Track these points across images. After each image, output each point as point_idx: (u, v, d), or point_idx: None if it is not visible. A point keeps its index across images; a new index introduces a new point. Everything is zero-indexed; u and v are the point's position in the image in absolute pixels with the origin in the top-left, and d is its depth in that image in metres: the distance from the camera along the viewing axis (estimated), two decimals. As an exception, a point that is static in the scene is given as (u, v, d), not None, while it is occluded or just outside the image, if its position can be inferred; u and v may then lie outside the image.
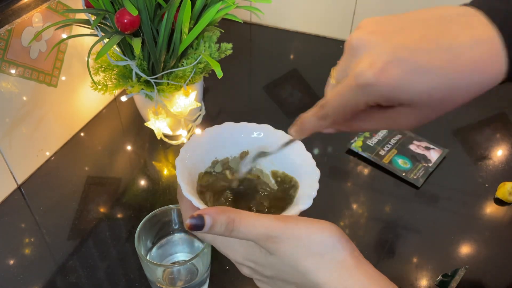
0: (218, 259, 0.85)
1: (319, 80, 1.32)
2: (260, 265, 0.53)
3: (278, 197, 0.65)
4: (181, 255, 0.84)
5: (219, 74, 0.87)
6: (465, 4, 0.46)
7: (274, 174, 0.68)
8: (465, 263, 0.87)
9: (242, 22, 1.00)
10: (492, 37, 0.43)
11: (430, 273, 0.86)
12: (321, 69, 1.38)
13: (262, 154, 0.65)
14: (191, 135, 1.09)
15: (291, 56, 1.46)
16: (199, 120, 1.09)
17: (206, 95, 1.16)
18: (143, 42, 0.88)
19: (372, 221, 0.95)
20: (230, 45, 1.00)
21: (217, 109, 1.21)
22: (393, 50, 0.44)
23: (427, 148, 1.11)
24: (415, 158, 1.08)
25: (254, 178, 0.69)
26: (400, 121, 0.49)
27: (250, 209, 0.63)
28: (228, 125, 0.69)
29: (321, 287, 0.49)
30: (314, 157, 0.64)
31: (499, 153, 1.11)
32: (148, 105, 1.01)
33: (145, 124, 1.02)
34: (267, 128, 0.69)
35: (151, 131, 1.10)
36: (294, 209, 0.57)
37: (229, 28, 1.07)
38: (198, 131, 1.14)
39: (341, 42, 1.46)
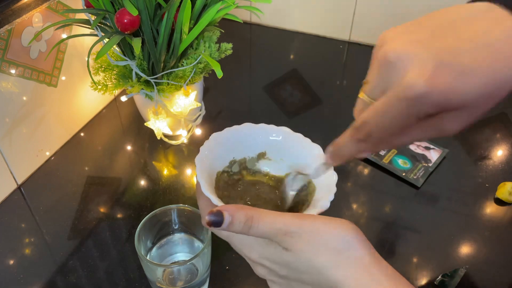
0: (218, 259, 0.85)
1: (319, 80, 1.32)
2: (275, 263, 0.52)
3: (295, 198, 0.64)
4: (181, 255, 0.84)
5: (219, 74, 0.87)
6: (475, 0, 0.46)
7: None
8: (465, 263, 0.87)
9: (242, 22, 1.00)
10: None
11: (430, 273, 0.86)
12: (321, 69, 1.38)
13: (301, 175, 0.65)
14: (190, 135, 1.10)
15: (291, 56, 1.46)
16: (199, 120, 1.09)
17: (206, 95, 1.16)
18: (143, 42, 0.88)
19: (372, 221, 0.96)
20: (230, 45, 1.00)
21: (217, 109, 1.21)
22: (436, 56, 0.42)
23: (427, 148, 1.11)
24: (415, 158, 1.08)
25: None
26: (446, 127, 0.47)
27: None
28: (247, 126, 0.69)
29: (338, 284, 0.48)
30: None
31: (499, 153, 1.11)
32: (148, 105, 1.01)
33: (145, 124, 1.02)
34: (285, 130, 0.69)
35: (151, 131, 1.10)
36: (312, 211, 0.57)
37: (229, 28, 1.07)
38: (198, 131, 1.15)
39: (341, 42, 1.46)
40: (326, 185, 0.61)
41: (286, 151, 0.68)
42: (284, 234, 0.50)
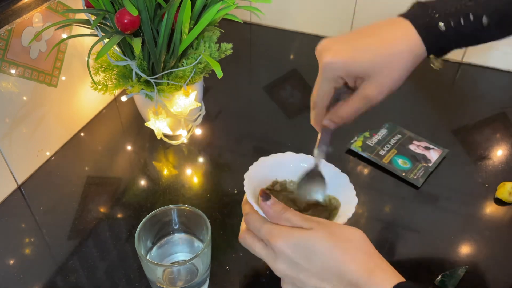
0: (218, 259, 0.86)
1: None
2: (296, 247, 0.62)
3: (323, 212, 0.78)
4: (181, 255, 0.84)
5: (219, 74, 0.87)
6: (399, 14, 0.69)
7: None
8: (465, 263, 0.87)
9: (242, 22, 1.00)
10: (409, 28, 0.66)
11: (430, 272, 0.86)
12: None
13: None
14: (191, 135, 1.10)
15: (291, 56, 1.46)
16: (199, 120, 1.09)
17: (206, 95, 1.16)
18: (143, 42, 0.89)
19: (372, 221, 0.96)
20: (230, 45, 1.00)
21: (217, 109, 1.21)
22: (342, 43, 0.67)
23: (427, 148, 1.11)
24: (415, 158, 1.08)
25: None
26: (367, 93, 0.67)
27: None
28: (290, 154, 0.82)
29: (346, 266, 0.60)
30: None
31: (499, 153, 1.11)
32: (148, 105, 1.01)
33: (145, 124, 1.02)
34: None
35: (151, 131, 1.10)
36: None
37: (229, 28, 1.07)
38: (198, 131, 1.15)
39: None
40: (347, 204, 0.75)
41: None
42: (306, 219, 0.64)
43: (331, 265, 0.60)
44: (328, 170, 0.80)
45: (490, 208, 0.98)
